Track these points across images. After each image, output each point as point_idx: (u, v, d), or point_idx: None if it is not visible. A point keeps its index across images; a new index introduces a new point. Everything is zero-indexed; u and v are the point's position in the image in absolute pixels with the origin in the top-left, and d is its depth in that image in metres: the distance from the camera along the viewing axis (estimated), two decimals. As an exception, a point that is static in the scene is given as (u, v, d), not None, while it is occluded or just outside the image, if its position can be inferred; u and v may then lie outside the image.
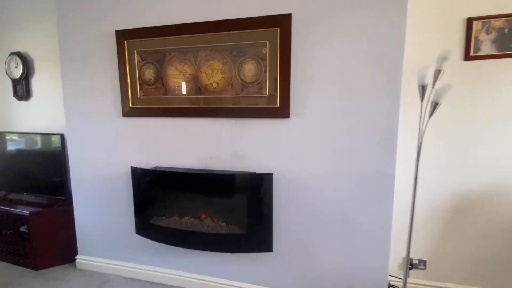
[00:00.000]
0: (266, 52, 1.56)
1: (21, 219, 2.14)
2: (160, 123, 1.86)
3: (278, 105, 1.58)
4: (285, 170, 1.64)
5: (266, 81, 1.59)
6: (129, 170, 1.88)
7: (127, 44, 1.80)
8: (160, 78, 1.78)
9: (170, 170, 1.68)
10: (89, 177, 2.09)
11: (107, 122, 1.97)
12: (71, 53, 1.99)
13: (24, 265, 2.21)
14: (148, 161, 1.90)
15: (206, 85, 1.70)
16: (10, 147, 2.44)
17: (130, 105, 1.86)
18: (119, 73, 1.84)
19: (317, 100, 1.54)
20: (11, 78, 2.55)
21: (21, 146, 2.41)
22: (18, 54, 2.48)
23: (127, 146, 1.95)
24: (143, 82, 1.82)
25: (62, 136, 2.18)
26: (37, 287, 1.98)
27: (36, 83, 2.56)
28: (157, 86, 1.80)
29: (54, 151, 2.24)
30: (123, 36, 1.80)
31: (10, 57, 2.49)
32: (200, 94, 1.72)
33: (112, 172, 2.01)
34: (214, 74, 1.67)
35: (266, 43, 1.55)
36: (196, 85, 1.72)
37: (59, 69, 2.05)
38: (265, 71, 1.58)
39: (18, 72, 2.50)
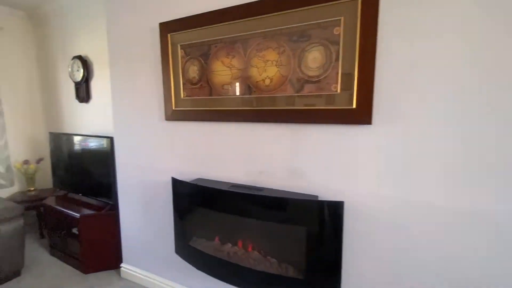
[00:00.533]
0: (339, 34, 1.14)
1: (73, 221, 2.14)
2: (203, 128, 1.59)
3: (354, 106, 1.14)
4: (362, 198, 1.18)
5: (337, 73, 1.16)
6: (171, 179, 1.67)
7: (170, 38, 1.58)
8: (204, 76, 1.51)
9: (211, 186, 1.38)
10: (133, 183, 1.97)
11: (151, 126, 1.80)
12: (118, 53, 1.88)
13: (75, 266, 2.22)
14: (191, 171, 1.66)
15: (257, 82, 1.36)
16: (70, 148, 2.53)
17: (173, 108, 1.64)
18: (162, 72, 1.64)
19: (420, 100, 1.04)
20: (73, 81, 2.65)
21: (79, 147, 2.46)
22: (79, 58, 2.55)
23: (169, 153, 1.75)
24: (186, 81, 1.58)
25: (111, 139, 2.12)
26: (82, 294, 1.93)
27: (94, 85, 2.61)
28: (201, 85, 1.54)
29: (104, 153, 2.21)
30: (166, 29, 1.58)
31: (72, 60, 2.59)
32: (250, 94, 1.39)
33: (154, 180, 1.83)
34: (267, 68, 1.32)
35: (340, 20, 1.13)
36: (245, 83, 1.39)
37: (111, 71, 1.98)
38: (337, 60, 1.16)
39: (79, 75, 2.58)
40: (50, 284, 2.04)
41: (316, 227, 1.16)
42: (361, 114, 1.13)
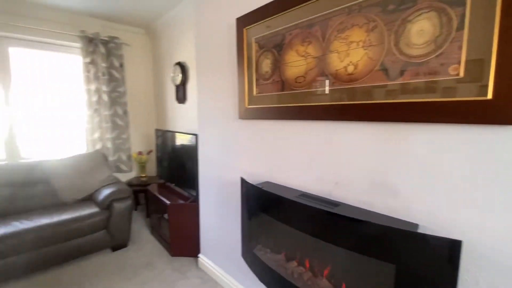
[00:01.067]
0: (467, -12, 0.76)
1: (165, 208, 2.42)
2: (274, 127, 1.45)
3: (489, 97, 0.74)
4: (493, 239, 0.76)
5: (459, 48, 0.78)
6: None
7: (246, 32, 1.51)
8: (277, 69, 1.36)
9: (275, 193, 1.22)
10: (211, 178, 2.03)
11: (226, 125, 1.80)
12: (203, 54, 1.97)
13: (166, 248, 2.51)
14: (261, 173, 1.55)
15: (336, 70, 1.10)
16: (169, 143, 2.89)
17: (246, 106, 1.57)
18: (238, 68, 1.59)
19: None
20: (174, 85, 3.03)
21: (175, 143, 2.78)
22: (179, 64, 2.88)
23: (241, 152, 1.70)
24: (259, 76, 1.48)
25: (196, 136, 2.27)
26: (165, 274, 2.14)
27: (190, 88, 2.90)
28: (273, 79, 1.39)
29: (192, 149, 2.39)
30: (242, 23, 1.52)
31: (174, 66, 2.95)
32: (326, 86, 1.14)
33: (228, 177, 1.83)
34: (351, 52, 1.04)
35: (469, -34, 0.75)
36: (322, 73, 1.16)
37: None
38: (460, 29, 0.78)
39: (178, 79, 2.92)
40: (145, 258, 2.36)
41: (413, 269, 0.82)
42: (504, 109, 0.71)
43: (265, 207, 1.33)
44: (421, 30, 0.85)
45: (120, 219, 2.47)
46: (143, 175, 3.47)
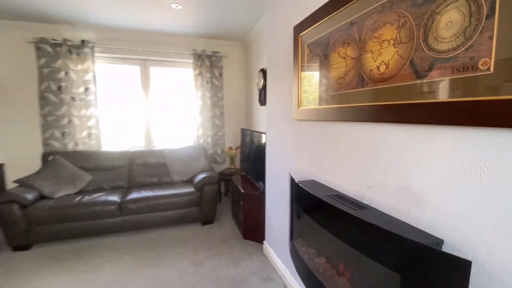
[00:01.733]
0: (497, -33, 0.64)
1: (240, 196, 2.81)
2: (317, 127, 1.50)
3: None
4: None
5: (490, 39, 0.67)
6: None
7: (300, 39, 1.62)
8: (323, 71, 1.42)
9: (309, 190, 1.29)
10: (272, 173, 2.24)
11: (284, 124, 1.95)
12: (272, 60, 2.20)
13: (240, 231, 2.90)
14: (308, 172, 1.63)
15: (370, 70, 1.08)
16: (249, 140, 3.29)
17: (298, 107, 1.68)
18: (293, 72, 1.73)
19: None
20: (257, 89, 3.40)
21: (253, 140, 3.14)
22: (262, 70, 3.22)
23: (293, 151, 1.82)
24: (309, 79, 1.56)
25: (264, 134, 2.52)
26: (234, 251, 2.50)
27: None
28: (320, 81, 1.45)
29: (263, 146, 2.67)
30: (298, 30, 1.64)
31: (258, 73, 3.31)
32: (362, 87, 1.13)
33: (283, 174, 1.98)
34: (383, 51, 1.01)
35: None
36: (358, 73, 1.15)
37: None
38: (490, 16, 0.66)
39: (261, 84, 3.26)
40: (223, 236, 2.82)
41: (418, 283, 0.76)
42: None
43: (302, 202, 1.42)
44: (449, 20, 0.76)
45: (208, 200, 3.05)
46: (232, 167, 4.05)
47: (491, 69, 0.67)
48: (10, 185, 3.16)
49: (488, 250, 0.70)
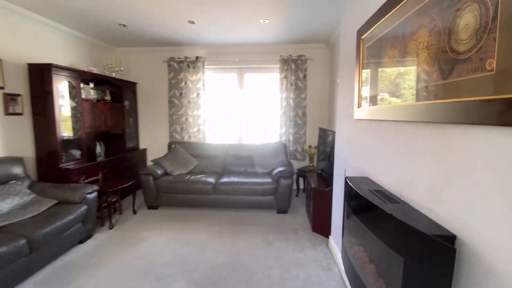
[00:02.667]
0: (498, -28, 0.67)
1: (311, 191, 2.99)
2: (372, 127, 1.56)
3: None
4: None
5: (494, 40, 0.70)
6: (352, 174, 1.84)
7: (362, 42, 1.71)
8: (375, 73, 1.48)
9: (352, 186, 1.40)
10: (339, 170, 2.33)
11: (346, 124, 2.04)
12: (342, 62, 2.30)
13: (310, 223, 3.09)
14: (363, 170, 1.70)
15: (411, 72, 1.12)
16: (326, 139, 3.39)
17: (358, 107, 1.77)
18: (354, 73, 1.82)
19: None
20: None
21: (327, 139, 3.24)
22: (342, 70, 3.26)
23: (354, 150, 1.89)
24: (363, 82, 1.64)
25: (334, 133, 2.61)
26: (301, 240, 2.73)
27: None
28: (373, 83, 1.52)
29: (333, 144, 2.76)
30: (360, 34, 1.73)
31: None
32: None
33: (347, 169, 2.07)
34: (419, 53, 1.05)
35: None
36: (402, 74, 1.20)
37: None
38: (493, 19, 0.69)
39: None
40: (294, 225, 3.09)
41: (413, 263, 0.83)
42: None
43: (349, 196, 1.53)
44: (466, 23, 0.79)
45: (283, 191, 3.38)
46: (311, 165, 4.22)
47: (493, 69, 0.69)
48: (148, 163, 4.48)
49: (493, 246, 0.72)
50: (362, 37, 1.68)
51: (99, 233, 2.84)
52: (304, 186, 4.43)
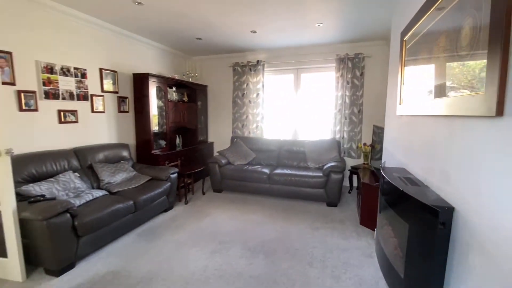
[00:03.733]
0: (480, -4, 0.85)
1: (361, 186, 3.10)
2: (408, 122, 1.70)
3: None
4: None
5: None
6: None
7: (404, 43, 1.84)
8: (410, 73, 1.63)
9: (382, 172, 1.59)
10: (387, 161, 2.44)
11: (391, 120, 2.16)
12: (391, 60, 2.39)
13: (358, 217, 3.21)
14: (402, 162, 1.83)
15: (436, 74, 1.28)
16: (379, 137, 3.42)
17: (398, 104, 1.90)
18: (397, 72, 1.94)
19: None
20: (393, 87, 3.42)
21: (381, 136, 3.26)
22: (399, 67, 3.24)
23: (397, 144, 2.02)
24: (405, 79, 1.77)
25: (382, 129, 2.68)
26: (347, 231, 2.89)
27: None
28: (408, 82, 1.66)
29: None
30: (403, 35, 1.86)
31: (394, 71, 3.35)
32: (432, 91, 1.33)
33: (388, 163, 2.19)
34: (439, 56, 1.21)
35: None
36: (428, 75, 1.35)
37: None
38: (479, 33, 0.87)
39: (397, 81, 3.29)
40: (342, 217, 3.25)
41: (416, 226, 1.04)
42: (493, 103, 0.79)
43: (382, 183, 1.71)
44: (465, 34, 0.97)
45: (333, 185, 3.56)
46: (366, 163, 4.22)
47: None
48: (215, 153, 5.20)
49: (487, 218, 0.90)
50: (405, 38, 1.81)
51: (177, 206, 3.58)
52: (357, 184, 4.45)
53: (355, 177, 4.39)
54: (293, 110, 4.84)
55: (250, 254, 2.39)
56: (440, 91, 1.19)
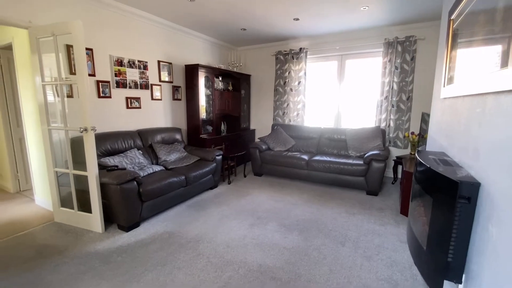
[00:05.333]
0: None
1: (403, 175, 3.01)
2: (450, 104, 1.65)
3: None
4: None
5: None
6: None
7: (451, 23, 1.76)
8: (455, 54, 1.57)
9: (418, 157, 1.59)
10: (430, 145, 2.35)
11: (436, 104, 2.08)
12: (440, 39, 2.26)
13: (400, 206, 3.13)
14: (443, 146, 1.79)
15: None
16: (424, 124, 3.22)
17: (443, 87, 1.84)
18: (444, 55, 1.87)
19: None
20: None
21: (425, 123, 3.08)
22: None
23: (440, 128, 1.95)
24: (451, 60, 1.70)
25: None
26: (385, 218, 2.86)
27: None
28: (452, 65, 1.60)
29: (433, 129, 2.69)
30: (450, 14, 1.77)
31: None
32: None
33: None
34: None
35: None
36: (477, 53, 1.32)
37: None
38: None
39: (451, 64, 3.04)
40: (382, 206, 3.20)
41: (440, 201, 1.09)
42: None
43: (416, 165, 1.71)
44: None
45: (374, 174, 3.50)
46: (413, 153, 4.00)
47: None
48: (256, 140, 5.45)
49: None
50: (452, 17, 1.73)
51: (221, 185, 3.94)
52: (402, 174, 4.25)
53: (400, 168, 4.19)
54: (335, 97, 4.77)
55: (285, 229, 2.58)
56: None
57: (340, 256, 2.13)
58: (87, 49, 2.90)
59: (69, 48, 2.73)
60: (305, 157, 4.06)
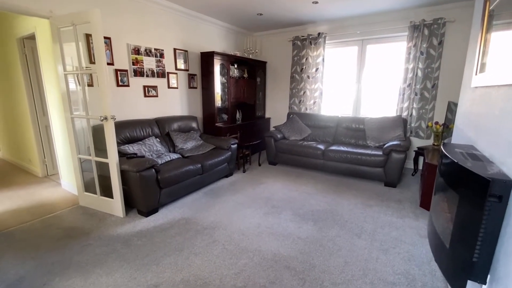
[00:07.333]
0: None
1: (424, 167, 2.89)
2: (481, 94, 1.53)
3: None
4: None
5: None
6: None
7: (488, 4, 1.60)
8: (488, 38, 1.43)
9: (443, 150, 1.50)
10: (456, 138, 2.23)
11: (466, 94, 1.94)
12: (474, 21, 2.08)
13: (419, 199, 3.03)
14: (472, 138, 1.68)
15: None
16: (453, 114, 3.04)
17: (474, 75, 1.70)
18: (478, 40, 1.72)
19: None
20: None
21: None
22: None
23: (468, 120, 1.83)
24: (485, 41, 1.56)
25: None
26: (403, 211, 2.79)
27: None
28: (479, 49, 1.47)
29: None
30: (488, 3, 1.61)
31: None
32: None
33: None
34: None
35: None
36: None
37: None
38: None
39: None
40: (400, 198, 3.11)
41: (467, 198, 1.03)
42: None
43: (440, 158, 1.62)
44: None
45: (393, 165, 3.39)
46: (436, 144, 3.81)
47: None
48: (271, 128, 5.41)
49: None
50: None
51: (236, 174, 3.98)
52: (423, 166, 4.09)
53: (421, 160, 4.03)
54: (354, 85, 4.59)
55: (299, 219, 2.58)
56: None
57: (356, 248, 2.11)
58: (105, 37, 2.93)
59: (88, 37, 2.77)
60: (321, 146, 3.99)
